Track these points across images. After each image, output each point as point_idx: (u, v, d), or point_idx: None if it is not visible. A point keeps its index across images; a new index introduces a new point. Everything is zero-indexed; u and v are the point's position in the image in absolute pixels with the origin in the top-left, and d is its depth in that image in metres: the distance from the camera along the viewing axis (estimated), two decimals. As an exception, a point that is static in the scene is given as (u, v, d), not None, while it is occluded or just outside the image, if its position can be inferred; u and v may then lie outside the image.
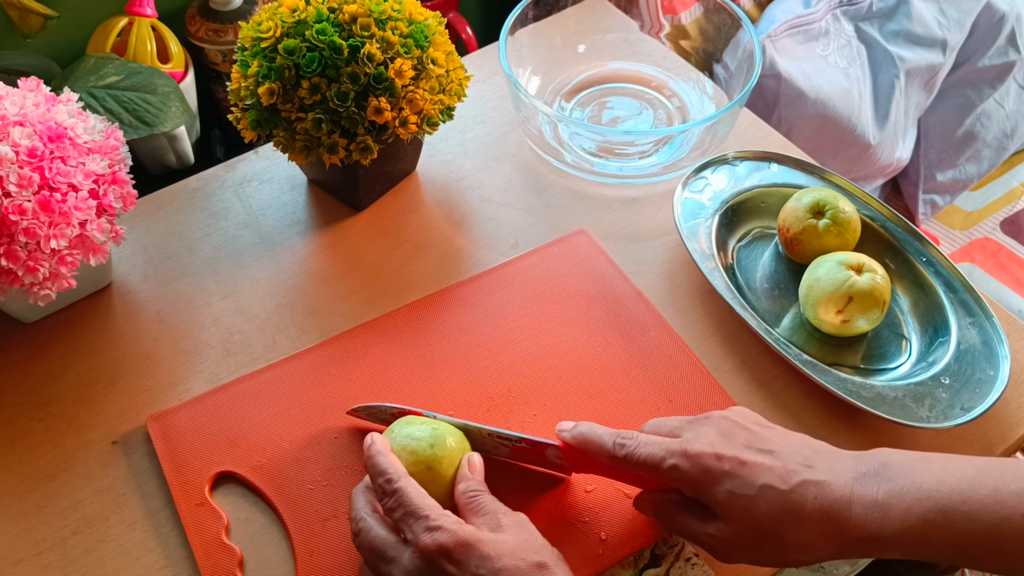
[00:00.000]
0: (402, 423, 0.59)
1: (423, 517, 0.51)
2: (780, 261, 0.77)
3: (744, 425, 0.56)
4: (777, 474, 0.52)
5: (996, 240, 1.61)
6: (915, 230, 0.76)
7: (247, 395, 0.67)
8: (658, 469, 0.54)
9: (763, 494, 0.52)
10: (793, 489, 0.52)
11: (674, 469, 0.54)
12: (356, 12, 0.69)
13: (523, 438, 0.60)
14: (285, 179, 0.84)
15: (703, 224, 0.77)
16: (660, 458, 0.54)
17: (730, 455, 0.53)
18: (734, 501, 0.52)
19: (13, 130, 0.62)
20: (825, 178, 0.80)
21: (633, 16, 0.99)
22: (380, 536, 0.53)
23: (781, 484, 0.52)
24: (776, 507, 0.51)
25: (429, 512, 0.51)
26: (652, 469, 0.55)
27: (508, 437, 0.60)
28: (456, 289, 0.74)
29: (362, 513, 0.54)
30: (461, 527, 0.51)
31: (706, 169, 0.80)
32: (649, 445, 0.55)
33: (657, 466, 0.54)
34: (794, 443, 0.55)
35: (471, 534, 0.51)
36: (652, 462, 0.54)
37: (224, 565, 0.59)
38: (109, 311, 0.74)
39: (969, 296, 0.72)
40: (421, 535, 0.50)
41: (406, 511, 0.52)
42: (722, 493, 0.52)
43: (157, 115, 0.81)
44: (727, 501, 0.52)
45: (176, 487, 0.63)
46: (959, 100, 1.55)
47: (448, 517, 0.52)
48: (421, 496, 0.53)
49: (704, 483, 0.53)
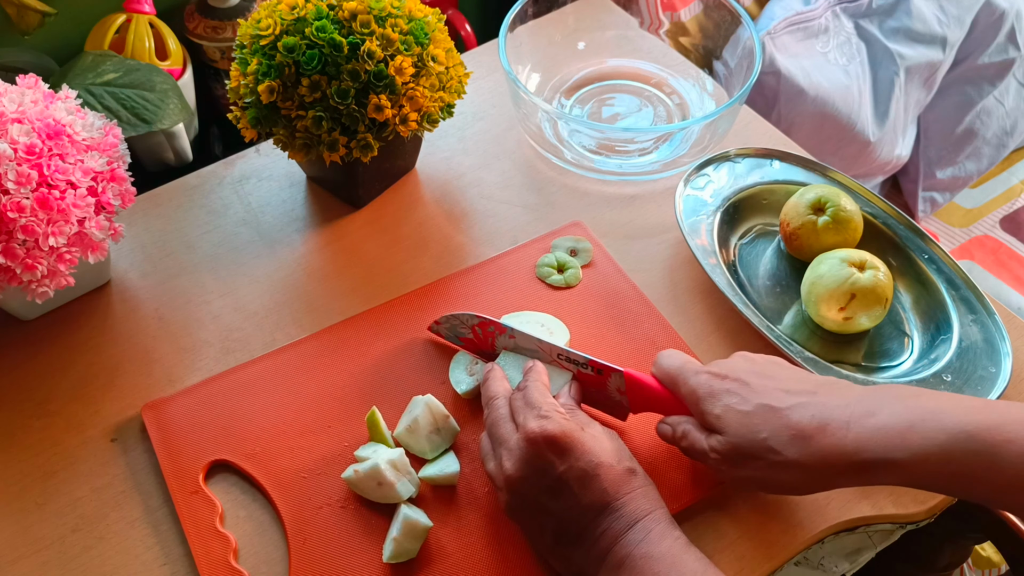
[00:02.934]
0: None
1: (537, 407, 0.57)
2: (782, 258, 0.77)
3: (760, 361, 0.59)
4: (776, 395, 0.55)
5: (996, 237, 1.60)
6: (917, 227, 0.76)
7: (242, 384, 0.68)
8: (676, 385, 0.59)
9: (759, 410, 0.55)
10: (791, 408, 0.54)
11: (684, 384, 0.58)
12: (356, 9, 0.69)
13: (590, 360, 0.61)
14: (284, 176, 0.84)
15: (705, 221, 0.76)
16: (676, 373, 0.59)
17: (734, 376, 0.57)
18: (730, 415, 0.55)
19: (11, 127, 0.62)
20: (827, 175, 0.80)
21: (633, 13, 0.99)
22: (502, 416, 0.58)
23: (779, 403, 0.55)
24: (772, 422, 0.54)
25: (543, 405, 0.57)
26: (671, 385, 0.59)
27: (576, 360, 0.62)
28: (452, 280, 0.74)
29: (498, 393, 0.60)
30: (568, 422, 0.56)
31: (708, 166, 0.80)
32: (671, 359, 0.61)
33: (673, 381, 0.59)
34: (803, 376, 0.58)
35: (576, 429, 0.55)
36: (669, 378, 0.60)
37: (218, 553, 0.59)
38: (108, 309, 0.74)
39: (971, 293, 0.72)
40: (531, 421, 0.55)
41: (525, 402, 0.58)
42: (719, 407, 0.56)
43: (155, 112, 0.81)
44: (723, 414, 0.56)
45: (171, 475, 0.63)
46: (959, 97, 1.55)
47: (559, 412, 0.56)
48: (542, 393, 0.58)
49: (705, 398, 0.57)
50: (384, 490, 0.60)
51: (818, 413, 0.53)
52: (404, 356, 0.69)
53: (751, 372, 0.57)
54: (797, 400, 0.54)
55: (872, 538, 0.65)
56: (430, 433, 0.63)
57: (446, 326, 0.68)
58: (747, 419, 0.55)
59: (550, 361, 0.63)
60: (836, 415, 0.53)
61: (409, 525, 0.58)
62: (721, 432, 0.55)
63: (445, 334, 0.69)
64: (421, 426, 0.63)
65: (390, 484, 0.59)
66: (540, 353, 0.63)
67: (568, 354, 0.62)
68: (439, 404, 0.63)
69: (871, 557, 0.67)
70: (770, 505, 0.62)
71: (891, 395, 0.54)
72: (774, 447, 0.53)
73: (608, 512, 0.54)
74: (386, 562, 0.58)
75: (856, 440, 0.52)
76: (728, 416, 0.55)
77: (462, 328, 0.67)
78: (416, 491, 0.61)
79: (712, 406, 0.56)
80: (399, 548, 0.58)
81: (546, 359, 0.63)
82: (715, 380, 0.57)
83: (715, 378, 0.57)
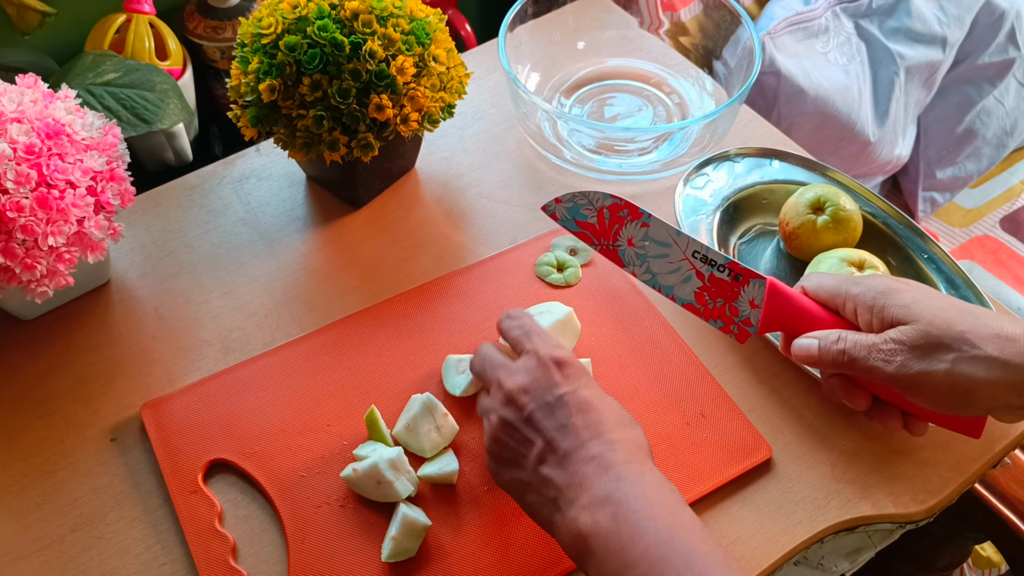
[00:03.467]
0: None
1: (548, 337, 0.56)
2: (782, 258, 0.77)
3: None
4: (963, 303, 0.54)
5: (996, 237, 1.60)
6: (917, 227, 0.76)
7: (241, 383, 0.68)
8: (838, 292, 0.57)
9: (953, 307, 0.53)
10: (987, 313, 0.53)
11: (857, 283, 0.56)
12: (357, 9, 0.69)
13: (730, 262, 0.58)
14: (284, 176, 0.84)
15: (704, 220, 0.76)
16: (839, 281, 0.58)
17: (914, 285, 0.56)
18: (921, 304, 0.53)
19: (11, 127, 0.62)
20: (827, 175, 0.80)
21: (632, 13, 0.99)
22: (492, 354, 0.58)
23: (972, 309, 0.53)
24: (969, 320, 0.52)
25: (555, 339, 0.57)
26: (831, 293, 0.58)
27: (713, 260, 0.58)
28: (451, 278, 0.74)
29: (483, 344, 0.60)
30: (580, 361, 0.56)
31: (707, 165, 0.80)
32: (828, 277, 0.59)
33: (836, 288, 0.57)
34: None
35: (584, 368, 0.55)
36: (830, 287, 0.58)
37: (217, 552, 0.59)
38: (107, 308, 0.74)
39: (970, 293, 0.71)
40: (543, 346, 0.55)
41: (531, 331, 0.57)
42: (907, 298, 0.54)
43: (155, 112, 0.81)
44: (913, 304, 0.53)
45: (170, 475, 0.63)
46: (959, 97, 1.55)
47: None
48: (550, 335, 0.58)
49: (889, 293, 0.55)
50: (383, 489, 0.60)
51: (1021, 324, 0.51)
52: (403, 354, 0.69)
53: (920, 288, 0.56)
54: (990, 311, 0.53)
55: (872, 538, 0.65)
56: (429, 431, 0.63)
57: (567, 205, 0.62)
58: (942, 311, 0.52)
59: (681, 260, 0.59)
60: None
61: (408, 524, 0.58)
62: (910, 321, 0.52)
63: (562, 216, 0.62)
64: (420, 424, 0.63)
65: (389, 483, 0.59)
66: (672, 248, 0.59)
67: (706, 252, 0.58)
68: (438, 402, 0.63)
69: (871, 557, 0.66)
70: (770, 505, 0.62)
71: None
72: (972, 340, 0.50)
73: (602, 441, 0.51)
74: (385, 561, 0.58)
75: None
76: (919, 306, 0.53)
77: (587, 209, 0.61)
78: (415, 490, 0.61)
79: (898, 299, 0.54)
80: (398, 547, 0.58)
81: (677, 257, 0.59)
82: (893, 281, 0.55)
83: (894, 280, 0.56)
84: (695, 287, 0.58)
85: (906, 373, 0.52)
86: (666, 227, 0.59)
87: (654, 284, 0.60)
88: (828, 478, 0.64)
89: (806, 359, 0.57)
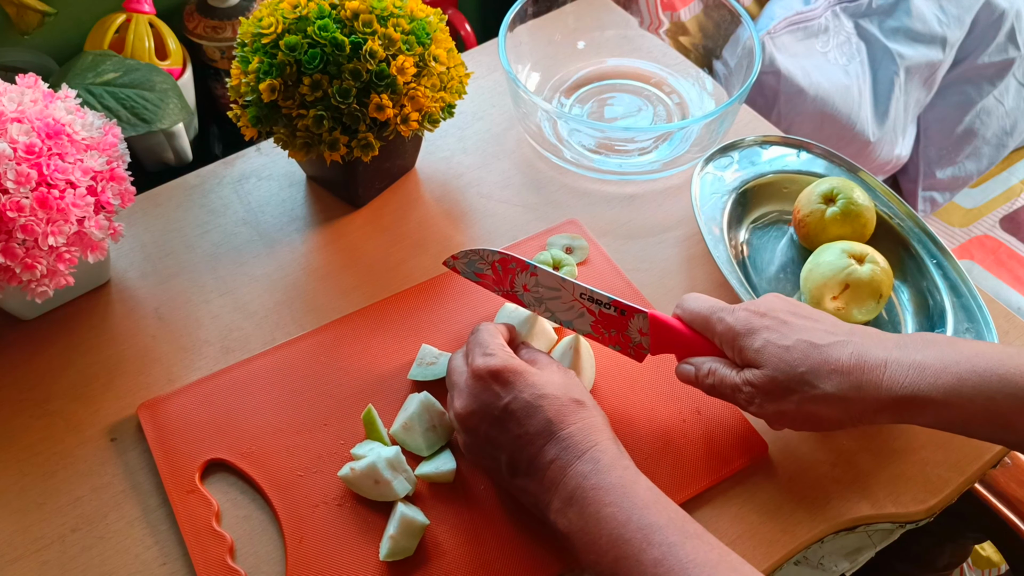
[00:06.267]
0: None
1: (483, 346, 0.58)
2: (791, 246, 0.78)
3: (795, 303, 0.60)
4: (816, 333, 0.56)
5: (995, 237, 1.60)
6: (930, 231, 0.76)
7: (237, 382, 0.68)
8: (707, 324, 0.60)
9: (798, 345, 0.55)
10: (831, 345, 0.55)
11: (720, 322, 0.59)
12: (358, 8, 0.69)
13: (613, 300, 0.62)
14: (284, 176, 0.84)
15: (720, 200, 0.78)
16: (708, 313, 0.60)
17: (772, 315, 0.58)
18: (769, 348, 0.56)
19: (11, 127, 0.62)
20: (854, 172, 0.81)
21: (632, 12, 0.99)
22: (454, 363, 0.60)
23: (819, 340, 0.55)
24: (810, 357, 0.55)
25: (490, 344, 0.59)
26: (702, 325, 0.60)
27: (599, 299, 0.63)
28: (451, 278, 0.74)
29: (451, 358, 0.62)
30: (513, 358, 0.58)
31: (733, 150, 0.82)
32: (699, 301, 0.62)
33: (706, 321, 0.60)
34: (839, 321, 0.59)
35: (520, 364, 0.57)
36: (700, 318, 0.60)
37: (215, 552, 0.59)
38: (107, 308, 0.74)
39: (972, 302, 0.72)
40: (477, 359, 0.57)
41: (475, 344, 0.59)
42: (759, 341, 0.57)
43: (155, 112, 0.81)
44: (762, 348, 0.56)
45: (167, 475, 0.63)
46: (959, 97, 1.55)
47: (505, 350, 0.58)
48: (491, 335, 0.60)
49: (744, 334, 0.57)
50: (381, 488, 0.60)
51: (856, 352, 0.55)
52: (400, 353, 0.69)
53: (788, 312, 0.58)
54: (836, 339, 0.56)
55: (872, 537, 0.65)
56: (426, 430, 0.63)
57: (464, 261, 0.66)
58: (787, 353, 0.55)
59: (572, 301, 0.63)
60: (874, 354, 0.54)
61: (406, 523, 0.58)
62: (759, 366, 0.56)
63: (462, 270, 0.67)
64: (417, 423, 0.63)
65: (386, 482, 0.59)
66: (562, 292, 0.63)
67: (591, 293, 0.63)
68: (435, 401, 0.63)
69: (871, 556, 0.66)
70: (770, 505, 0.62)
71: (928, 340, 0.55)
72: (812, 381, 0.54)
73: (555, 441, 0.54)
74: (383, 560, 0.58)
75: (892, 377, 0.53)
76: (767, 350, 0.56)
77: (481, 264, 0.66)
78: (413, 489, 0.61)
79: (752, 341, 0.57)
80: (396, 546, 0.58)
81: (568, 298, 0.63)
82: (754, 317, 0.58)
83: (754, 315, 0.58)
84: (590, 321, 0.64)
85: (764, 412, 0.58)
86: (552, 275, 0.64)
87: (556, 320, 0.65)
88: (828, 478, 0.64)
89: (688, 383, 0.62)
